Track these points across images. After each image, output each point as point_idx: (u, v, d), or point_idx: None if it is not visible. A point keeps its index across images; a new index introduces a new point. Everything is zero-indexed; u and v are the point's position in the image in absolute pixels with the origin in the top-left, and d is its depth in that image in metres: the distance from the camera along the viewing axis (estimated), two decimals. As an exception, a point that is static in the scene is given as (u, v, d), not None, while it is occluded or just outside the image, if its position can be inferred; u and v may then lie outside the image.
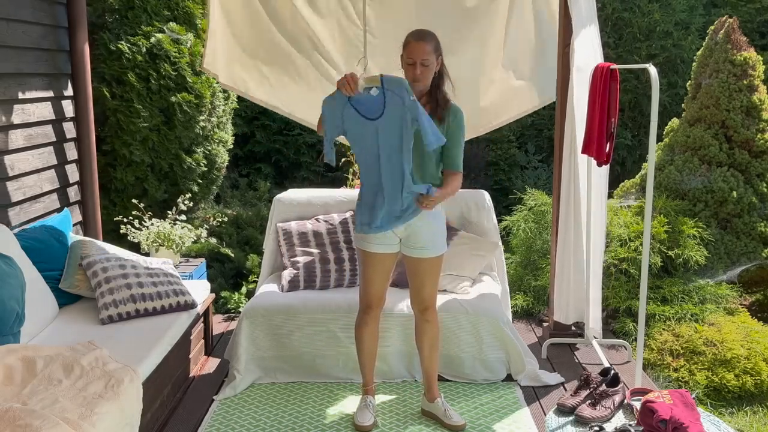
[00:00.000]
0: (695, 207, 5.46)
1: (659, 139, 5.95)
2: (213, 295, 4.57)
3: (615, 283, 4.98)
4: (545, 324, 4.74)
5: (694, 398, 2.98)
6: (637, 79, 7.91)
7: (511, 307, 4.88)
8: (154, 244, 4.82)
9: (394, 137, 3.25)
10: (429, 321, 3.58)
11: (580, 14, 4.06)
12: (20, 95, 4.25)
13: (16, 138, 4.21)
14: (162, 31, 5.49)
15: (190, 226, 5.02)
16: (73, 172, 4.88)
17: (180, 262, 4.94)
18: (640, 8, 7.95)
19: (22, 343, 3.23)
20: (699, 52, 5.82)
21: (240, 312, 5.12)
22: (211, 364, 4.36)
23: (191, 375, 4.13)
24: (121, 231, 4.95)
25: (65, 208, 4.60)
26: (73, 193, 4.89)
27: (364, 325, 3.59)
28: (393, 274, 4.34)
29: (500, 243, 4.63)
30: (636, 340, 3.87)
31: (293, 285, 4.31)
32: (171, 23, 5.54)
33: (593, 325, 4.30)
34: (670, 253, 5.10)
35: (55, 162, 4.64)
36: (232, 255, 5.71)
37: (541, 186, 7.31)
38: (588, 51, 4.10)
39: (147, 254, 4.87)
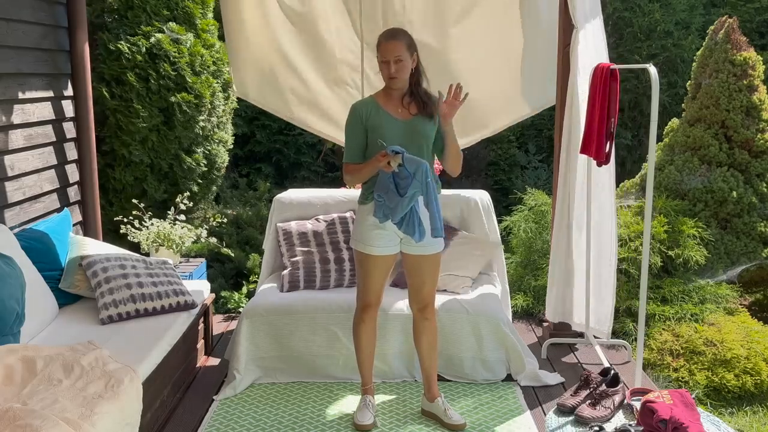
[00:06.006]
0: (695, 207, 5.46)
1: (659, 139, 5.95)
2: (213, 295, 4.57)
3: (615, 283, 4.97)
4: (545, 324, 4.74)
5: (694, 398, 2.98)
6: (637, 79, 7.91)
7: (511, 307, 4.87)
8: (154, 244, 4.82)
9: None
10: (428, 319, 3.58)
11: (584, 13, 4.05)
12: (20, 95, 4.25)
13: (16, 138, 4.21)
14: (162, 31, 5.49)
15: (189, 226, 5.02)
16: (73, 172, 4.88)
17: (180, 262, 4.94)
18: (640, 8, 7.96)
19: (22, 343, 3.23)
20: (699, 52, 5.82)
21: (240, 312, 5.12)
22: (211, 364, 4.36)
23: (191, 375, 4.12)
24: (121, 231, 4.95)
25: (65, 208, 4.60)
26: (73, 193, 4.89)
27: (363, 324, 3.59)
28: (393, 273, 4.35)
29: (500, 243, 4.64)
30: (636, 340, 3.87)
31: (293, 285, 4.31)
32: (171, 23, 5.54)
33: (598, 326, 4.28)
34: (670, 253, 5.10)
35: (55, 162, 4.64)
36: (232, 254, 5.71)
37: (541, 186, 7.31)
38: (589, 50, 4.09)
39: (147, 254, 4.87)
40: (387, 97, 3.47)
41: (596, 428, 2.90)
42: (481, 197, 4.67)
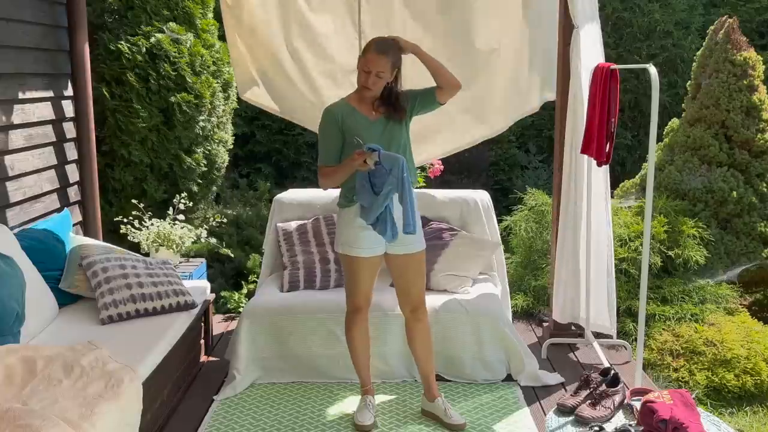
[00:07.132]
0: (695, 207, 5.46)
1: (659, 139, 5.95)
2: (213, 295, 4.57)
3: (615, 283, 4.98)
4: (545, 324, 4.74)
5: (694, 398, 2.98)
6: (637, 79, 7.91)
7: (511, 307, 4.87)
8: (154, 244, 4.82)
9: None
10: (420, 320, 3.58)
11: (584, 12, 4.05)
12: (20, 95, 4.25)
13: (16, 138, 4.21)
14: (162, 31, 5.49)
15: (189, 227, 5.02)
16: (73, 172, 4.88)
17: (180, 262, 4.94)
18: (640, 8, 7.95)
19: (22, 343, 3.23)
20: (699, 52, 5.82)
21: (240, 312, 5.12)
22: (211, 364, 4.36)
23: (191, 375, 4.12)
24: (121, 231, 4.95)
25: (65, 208, 4.60)
26: (73, 193, 4.89)
27: (355, 327, 3.59)
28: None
29: (500, 243, 4.63)
30: (636, 340, 3.87)
31: (293, 285, 4.31)
32: (171, 23, 5.54)
33: (606, 323, 4.27)
34: (670, 253, 5.10)
35: (55, 162, 4.64)
36: (232, 255, 5.71)
37: (541, 186, 7.30)
38: (589, 50, 4.09)
39: (147, 254, 4.87)
40: (360, 100, 3.47)
41: (596, 428, 2.90)
42: (481, 197, 4.67)
